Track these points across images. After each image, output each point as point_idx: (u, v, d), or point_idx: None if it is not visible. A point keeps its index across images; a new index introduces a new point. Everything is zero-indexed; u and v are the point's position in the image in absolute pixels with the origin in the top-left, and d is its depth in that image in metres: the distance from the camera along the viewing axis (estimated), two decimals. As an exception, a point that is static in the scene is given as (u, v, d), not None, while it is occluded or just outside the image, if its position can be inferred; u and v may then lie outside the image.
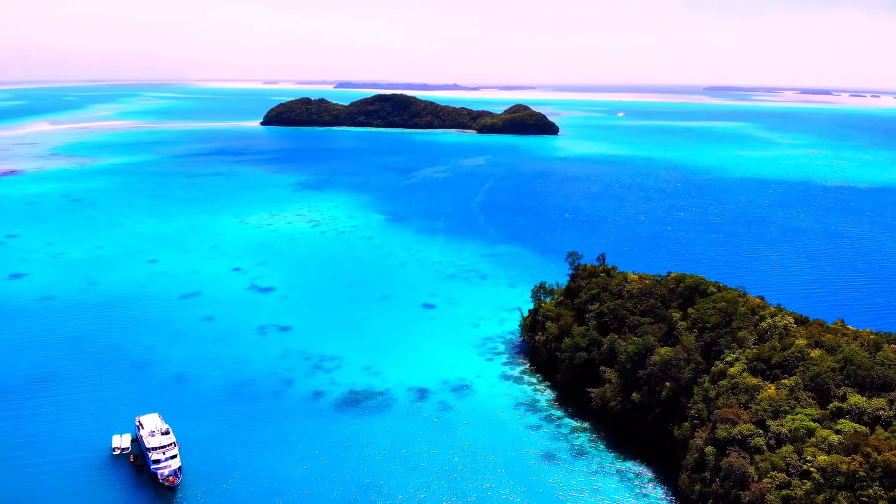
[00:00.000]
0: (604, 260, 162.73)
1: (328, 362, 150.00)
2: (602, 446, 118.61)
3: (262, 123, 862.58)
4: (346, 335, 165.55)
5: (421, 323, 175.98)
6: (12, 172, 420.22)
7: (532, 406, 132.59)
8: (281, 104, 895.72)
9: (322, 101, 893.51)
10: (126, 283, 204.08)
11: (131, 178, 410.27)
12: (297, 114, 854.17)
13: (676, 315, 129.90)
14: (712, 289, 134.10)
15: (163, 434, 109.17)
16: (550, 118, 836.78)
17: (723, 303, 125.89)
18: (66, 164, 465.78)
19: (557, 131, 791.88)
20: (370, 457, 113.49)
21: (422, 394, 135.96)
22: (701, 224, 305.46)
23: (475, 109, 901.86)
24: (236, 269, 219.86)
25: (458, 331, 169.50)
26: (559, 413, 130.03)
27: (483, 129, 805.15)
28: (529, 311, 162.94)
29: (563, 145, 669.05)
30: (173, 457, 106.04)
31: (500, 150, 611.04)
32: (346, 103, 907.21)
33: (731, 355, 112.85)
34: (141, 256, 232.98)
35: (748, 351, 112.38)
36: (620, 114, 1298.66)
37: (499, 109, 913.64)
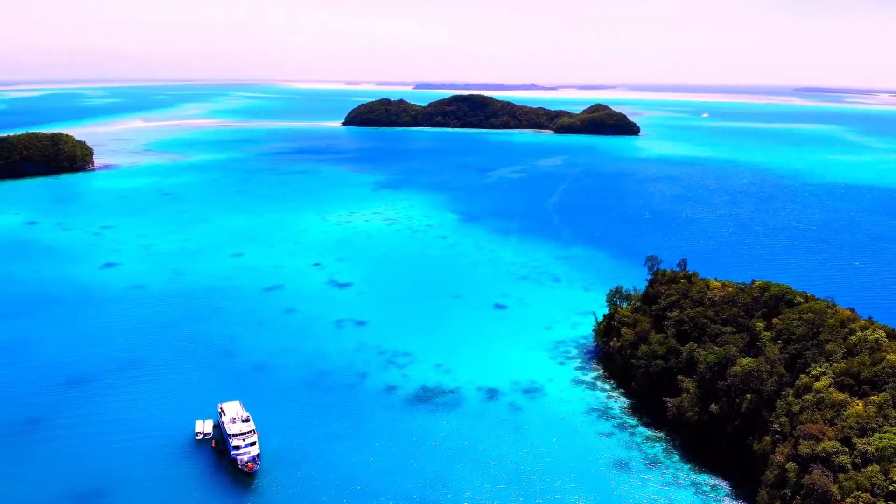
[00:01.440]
0: (685, 265, 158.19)
1: (401, 358, 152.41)
2: (677, 457, 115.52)
3: (344, 124, 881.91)
4: (418, 332, 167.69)
5: (492, 323, 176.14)
6: (108, 167, 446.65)
7: (605, 413, 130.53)
8: (362, 105, 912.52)
9: (401, 101, 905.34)
10: (212, 274, 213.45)
11: (219, 174, 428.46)
12: (377, 114, 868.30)
13: (760, 325, 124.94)
14: (799, 299, 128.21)
15: (243, 421, 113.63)
16: (631, 118, 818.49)
17: (810, 314, 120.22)
18: (157, 159, 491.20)
19: (638, 132, 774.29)
20: (439, 453, 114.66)
21: (492, 394, 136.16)
22: (787, 230, 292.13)
23: (552, 109, 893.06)
24: (316, 265, 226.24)
25: (530, 333, 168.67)
26: (633, 421, 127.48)
27: (560, 130, 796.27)
28: (604, 315, 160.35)
29: (644, 146, 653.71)
30: (252, 444, 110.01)
31: (578, 151, 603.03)
32: (424, 104, 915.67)
33: (818, 369, 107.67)
34: (227, 250, 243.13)
35: (835, 365, 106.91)
36: (704, 115, 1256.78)
37: (577, 109, 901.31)
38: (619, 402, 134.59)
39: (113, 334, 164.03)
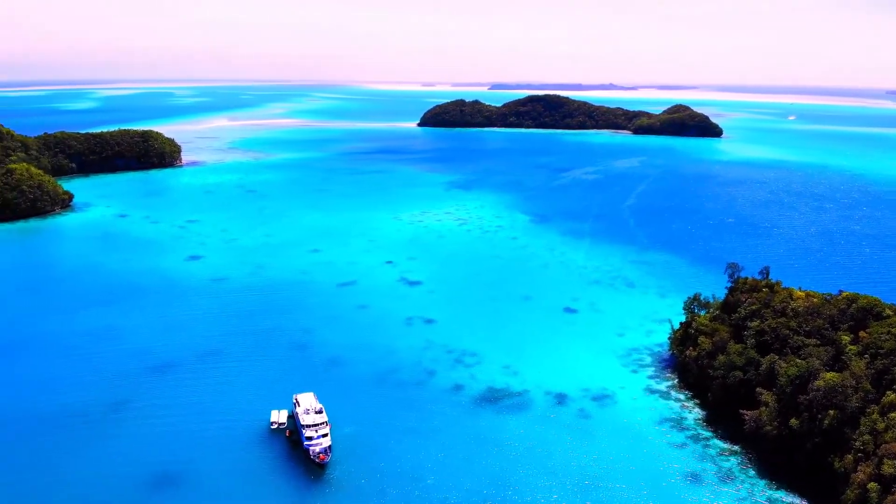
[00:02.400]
0: (767, 273, 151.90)
1: (469, 357, 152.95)
2: (752, 472, 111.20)
3: (419, 124, 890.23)
4: (487, 333, 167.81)
5: (562, 327, 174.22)
6: (194, 163, 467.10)
7: (678, 423, 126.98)
8: (437, 106, 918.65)
9: (476, 102, 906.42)
10: (290, 269, 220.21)
11: (299, 173, 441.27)
12: (452, 115, 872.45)
13: (846, 338, 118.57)
14: (889, 312, 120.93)
15: (316, 413, 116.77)
16: (713, 119, 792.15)
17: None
18: (241, 157, 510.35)
19: (721, 133, 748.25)
20: (506, 455, 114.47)
21: (560, 399, 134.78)
22: (878, 239, 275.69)
23: (631, 110, 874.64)
24: (389, 262, 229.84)
25: (601, 338, 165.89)
26: (707, 433, 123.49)
27: (639, 130, 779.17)
28: (681, 323, 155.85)
29: (727, 148, 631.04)
30: (324, 435, 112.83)
31: (657, 152, 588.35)
32: (499, 104, 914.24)
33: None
34: (305, 246, 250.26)
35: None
36: (791, 117, 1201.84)
37: (657, 110, 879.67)
38: (694, 413, 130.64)
39: (196, 324, 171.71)
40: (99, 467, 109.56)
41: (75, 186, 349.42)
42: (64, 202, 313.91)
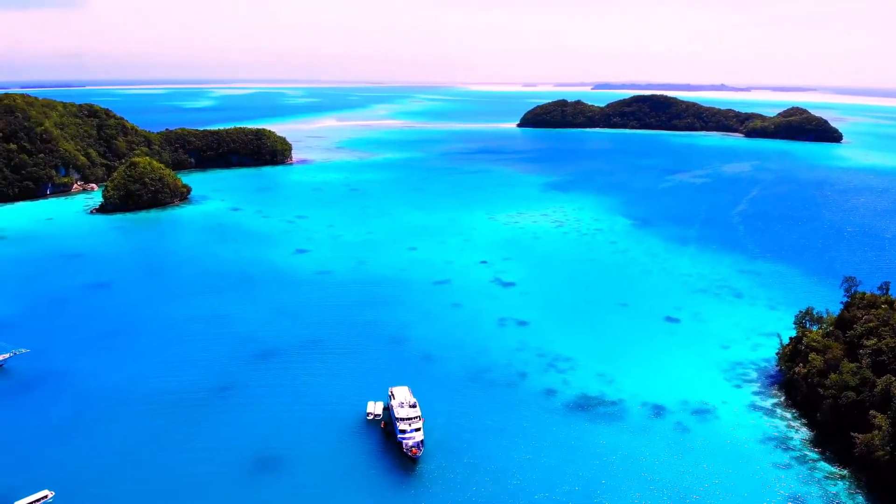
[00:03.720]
0: (887, 289, 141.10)
1: (562, 362, 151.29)
2: (861, 499, 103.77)
3: (519, 125, 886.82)
4: (581, 338, 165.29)
5: (662, 336, 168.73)
6: (304, 161, 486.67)
7: (783, 443, 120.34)
8: (538, 106, 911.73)
9: (578, 102, 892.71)
10: (389, 265, 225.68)
11: (401, 172, 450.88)
12: (553, 115, 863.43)
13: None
14: None
15: (410, 407, 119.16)
16: (832, 123, 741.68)
17: None
18: (347, 156, 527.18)
19: (840, 138, 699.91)
20: (596, 463, 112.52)
21: (657, 410, 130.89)
22: None
23: (743, 111, 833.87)
24: (483, 262, 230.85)
25: (704, 350, 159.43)
26: (814, 455, 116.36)
27: (751, 133, 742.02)
28: (791, 338, 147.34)
29: (847, 154, 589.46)
30: (418, 430, 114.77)
31: (771, 156, 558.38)
32: (603, 105, 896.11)
33: None
34: (403, 243, 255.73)
35: None
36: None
37: (771, 112, 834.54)
38: (801, 434, 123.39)
39: (300, 314, 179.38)
40: (206, 445, 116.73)
41: (193, 180, 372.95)
42: (182, 195, 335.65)
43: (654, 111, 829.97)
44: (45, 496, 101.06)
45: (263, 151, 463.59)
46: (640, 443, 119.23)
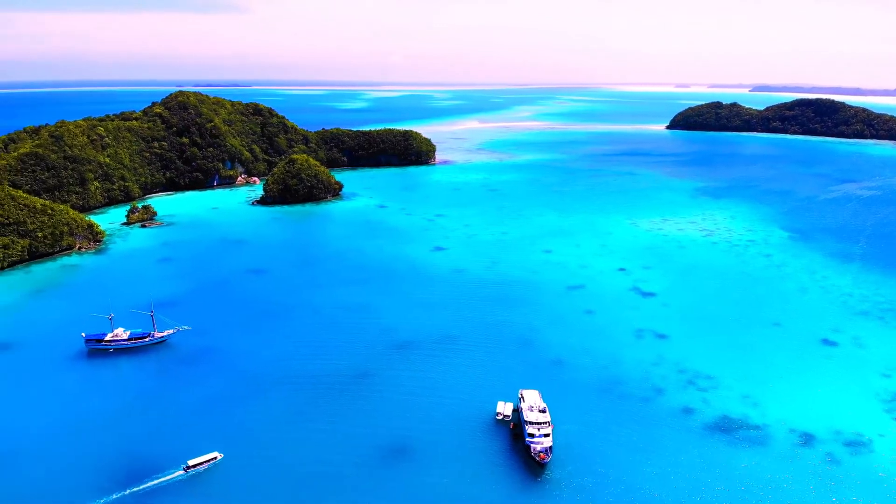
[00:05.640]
0: None
1: (703, 380, 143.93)
2: None
3: (668, 127, 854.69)
4: (726, 356, 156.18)
5: (816, 360, 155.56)
6: (446, 162, 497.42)
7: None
8: (689, 108, 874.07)
9: (734, 105, 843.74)
10: (522, 267, 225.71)
11: (539, 174, 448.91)
12: (706, 118, 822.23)
13: None
14: None
15: (540, 411, 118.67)
16: None
17: None
18: (487, 158, 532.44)
19: None
20: (735, 488, 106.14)
21: (806, 439, 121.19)
22: None
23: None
24: (621, 269, 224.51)
25: (862, 378, 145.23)
26: None
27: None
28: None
29: None
30: (546, 435, 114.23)
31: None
32: (761, 108, 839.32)
33: None
34: (538, 245, 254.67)
35: None
36: None
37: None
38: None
39: (435, 309, 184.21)
40: (344, 428, 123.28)
41: (345, 177, 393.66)
42: (335, 191, 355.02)
43: (818, 116, 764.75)
44: (215, 457, 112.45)
45: (410, 152, 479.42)
46: (785, 471, 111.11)
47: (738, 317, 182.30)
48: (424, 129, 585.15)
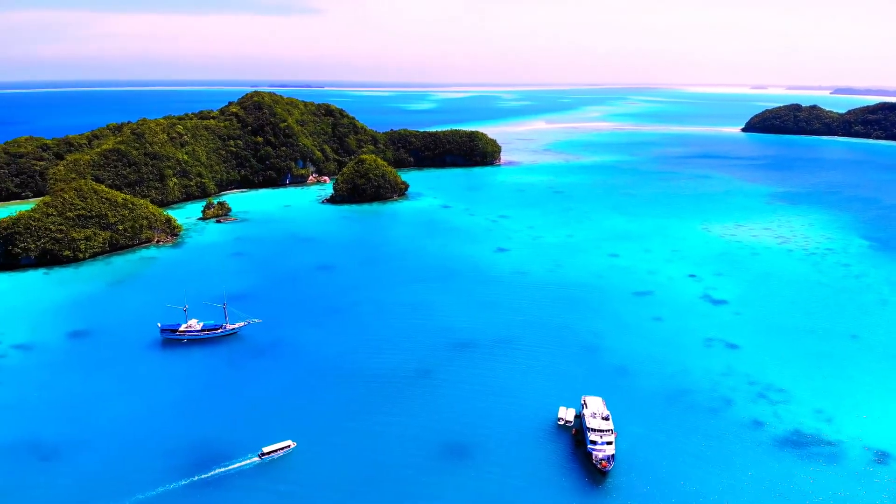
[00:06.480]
0: None
1: (775, 393, 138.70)
2: None
3: (744, 129, 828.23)
4: (799, 369, 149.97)
5: (894, 375, 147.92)
6: (511, 163, 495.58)
7: None
8: (766, 110, 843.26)
9: (814, 108, 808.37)
10: (587, 271, 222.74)
11: (607, 175, 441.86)
12: (783, 121, 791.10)
13: None
14: None
15: (603, 419, 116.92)
16: None
17: None
18: (553, 159, 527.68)
19: None
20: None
21: (882, 457, 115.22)
22: None
23: None
24: (692, 276, 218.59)
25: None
26: None
27: None
28: None
29: None
30: (609, 443, 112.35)
31: None
32: (842, 111, 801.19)
33: None
34: (604, 249, 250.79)
35: None
36: None
37: None
38: None
39: (496, 310, 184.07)
40: (405, 422, 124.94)
41: (411, 177, 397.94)
42: (401, 191, 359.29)
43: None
44: (289, 445, 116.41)
45: (475, 152, 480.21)
46: (859, 490, 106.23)
47: (814, 328, 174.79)
48: (490, 130, 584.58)
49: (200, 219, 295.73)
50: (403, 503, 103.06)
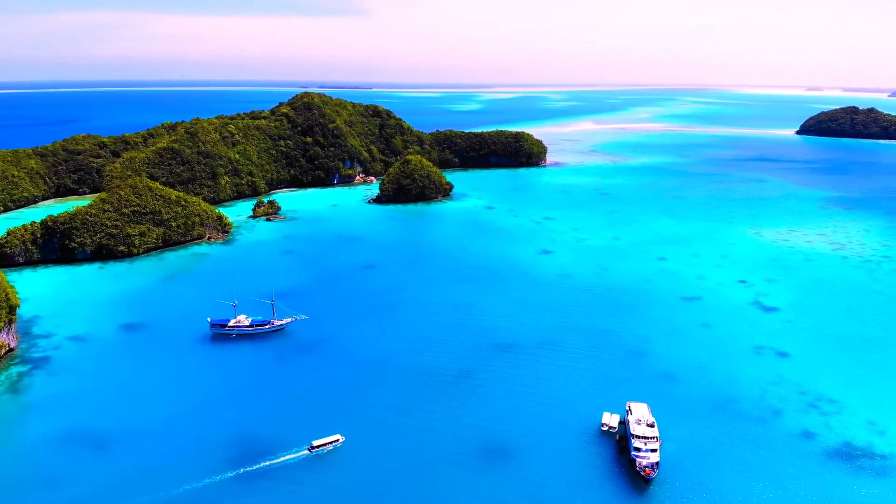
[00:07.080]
0: None
1: (826, 403, 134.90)
2: None
3: (798, 132, 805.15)
4: (853, 379, 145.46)
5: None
6: (557, 164, 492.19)
7: None
8: (822, 112, 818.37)
9: (871, 110, 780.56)
10: (633, 275, 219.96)
11: (656, 178, 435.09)
12: (840, 123, 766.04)
13: None
14: None
15: (648, 426, 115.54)
16: None
17: None
18: (600, 160, 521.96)
19: None
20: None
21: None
22: None
23: None
24: (742, 282, 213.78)
25: None
26: None
27: None
28: None
29: None
30: (654, 450, 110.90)
31: None
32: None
33: None
34: (651, 253, 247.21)
35: None
36: None
37: None
38: None
39: (539, 313, 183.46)
40: (447, 420, 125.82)
41: (455, 178, 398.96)
42: (445, 191, 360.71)
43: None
44: (338, 440, 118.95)
45: (520, 153, 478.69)
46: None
47: (868, 337, 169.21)
48: (536, 131, 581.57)
49: (251, 217, 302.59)
50: (447, 502, 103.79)
